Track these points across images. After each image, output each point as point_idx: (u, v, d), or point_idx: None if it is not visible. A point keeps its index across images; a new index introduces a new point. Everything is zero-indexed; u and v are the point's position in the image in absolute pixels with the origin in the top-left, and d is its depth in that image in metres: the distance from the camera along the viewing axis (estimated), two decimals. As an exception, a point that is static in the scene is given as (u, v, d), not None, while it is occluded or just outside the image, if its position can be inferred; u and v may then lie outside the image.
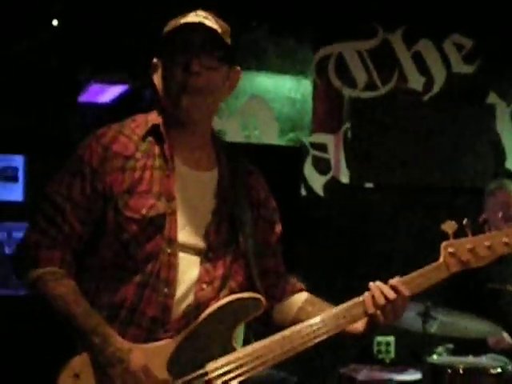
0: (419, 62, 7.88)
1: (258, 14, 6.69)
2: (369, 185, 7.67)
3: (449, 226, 3.09)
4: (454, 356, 6.10)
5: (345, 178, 7.63)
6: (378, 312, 3.04)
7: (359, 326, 3.11)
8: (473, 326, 5.88)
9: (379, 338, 7.48)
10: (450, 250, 3.10)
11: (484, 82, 8.07)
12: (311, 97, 7.57)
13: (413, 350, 6.75)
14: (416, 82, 7.89)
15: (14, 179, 6.85)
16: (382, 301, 3.02)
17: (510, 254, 6.08)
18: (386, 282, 3.06)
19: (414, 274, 3.09)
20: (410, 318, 5.78)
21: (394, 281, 3.06)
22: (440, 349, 6.25)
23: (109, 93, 7.00)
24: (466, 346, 6.13)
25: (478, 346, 6.05)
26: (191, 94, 3.00)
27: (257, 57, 6.95)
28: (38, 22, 6.42)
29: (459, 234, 3.11)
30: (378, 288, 3.04)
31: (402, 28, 7.79)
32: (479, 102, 8.08)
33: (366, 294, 3.05)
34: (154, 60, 3.09)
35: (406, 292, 3.05)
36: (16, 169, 6.87)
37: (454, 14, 7.66)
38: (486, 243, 3.12)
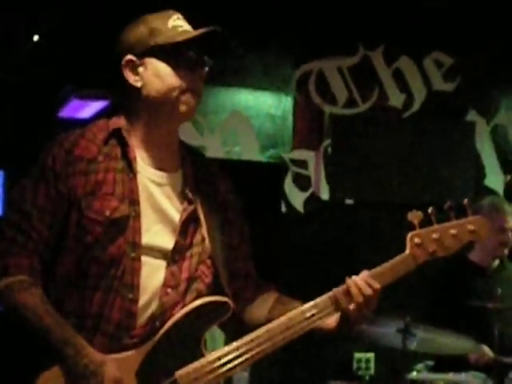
0: (399, 79, 7.92)
1: (239, 31, 6.66)
2: (349, 201, 7.68)
3: (414, 216, 3.04)
4: (434, 373, 6.10)
5: (325, 195, 7.65)
6: (351, 307, 3.01)
7: (331, 322, 3.08)
8: (453, 342, 5.86)
9: (359, 355, 7.49)
10: (416, 240, 3.05)
11: (464, 99, 8.13)
12: (292, 113, 7.59)
13: (392, 367, 6.73)
14: (396, 99, 7.92)
15: (-7, 193, 6.86)
16: (356, 293, 3.00)
17: (489, 268, 6.14)
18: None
19: (381, 267, 3.05)
20: (390, 334, 5.78)
21: (363, 275, 3.03)
22: (420, 366, 6.26)
23: (89, 108, 7.00)
24: (446, 362, 6.11)
25: (458, 362, 6.03)
26: (195, 94, 3.04)
27: (237, 73, 6.95)
28: (20, 37, 6.41)
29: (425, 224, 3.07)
30: (354, 282, 3.01)
31: (382, 45, 7.84)
32: (459, 119, 8.14)
33: (337, 289, 3.03)
34: (130, 57, 3.01)
35: (376, 285, 3.01)
36: (-5, 182, 6.88)
37: (434, 31, 7.72)
38: (452, 232, 3.07)
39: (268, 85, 7.43)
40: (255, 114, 7.41)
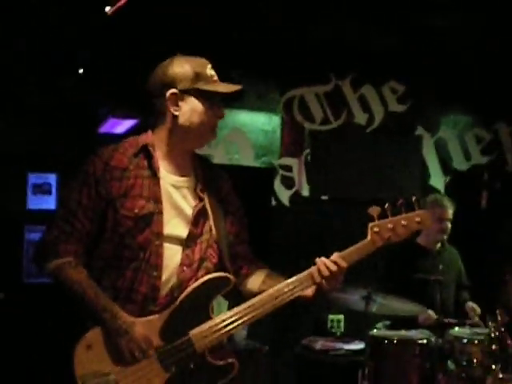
0: (363, 102, 7.88)
1: (240, 66, 6.69)
2: (324, 197, 7.65)
3: (374, 210, 3.08)
4: (390, 330, 6.08)
5: (306, 192, 7.63)
6: (323, 281, 3.05)
7: (309, 292, 3.11)
8: (405, 306, 5.86)
9: (332, 316, 7.47)
10: (375, 229, 3.08)
11: (413, 118, 8.08)
12: (280, 129, 7.57)
13: (358, 326, 6.72)
14: (361, 118, 7.88)
15: (49, 192, 6.84)
16: (326, 272, 3.04)
17: (432, 250, 6.13)
18: (327, 257, 3.08)
19: (348, 250, 3.09)
20: (356, 300, 5.79)
21: (334, 256, 3.07)
22: (379, 324, 6.25)
23: (123, 125, 6.99)
24: (399, 322, 6.11)
25: (409, 322, 6.03)
26: (216, 129, 3.15)
27: (237, 98, 6.94)
28: (67, 70, 6.42)
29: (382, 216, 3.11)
30: (323, 262, 3.06)
31: (350, 76, 7.81)
32: (409, 134, 8.08)
33: (313, 267, 3.07)
34: (175, 91, 3.04)
35: (344, 264, 3.05)
36: (50, 184, 6.86)
37: (391, 65, 7.69)
38: (403, 222, 3.10)
39: (261, 107, 7.41)
40: (251, 129, 7.40)
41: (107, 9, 5.43)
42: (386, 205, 3.11)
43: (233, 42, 6.79)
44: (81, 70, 6.42)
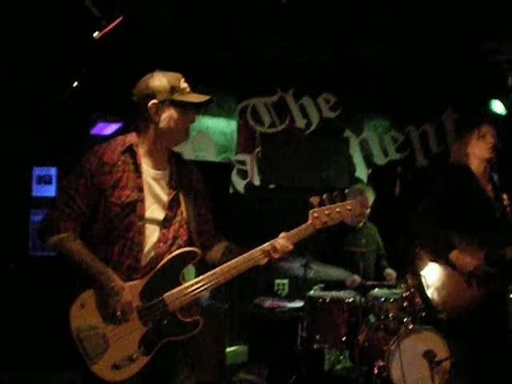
0: (303, 110, 7.89)
1: (204, 80, 6.67)
2: (272, 186, 7.66)
3: (314, 199, 3.13)
4: (324, 291, 6.12)
5: (257, 182, 7.63)
6: (275, 254, 3.09)
7: (262, 262, 3.12)
8: (335, 272, 5.91)
9: (278, 281, 7.49)
10: (315, 214, 3.12)
11: (342, 123, 8.10)
12: (236, 131, 7.56)
13: (298, 288, 6.76)
14: (301, 122, 7.89)
15: (50, 183, 6.78)
16: (278, 246, 3.08)
17: (356, 227, 6.16)
18: (275, 234, 3.14)
19: (293, 231, 3.12)
20: (296, 267, 5.81)
21: (283, 235, 3.11)
22: (315, 287, 6.28)
23: (110, 128, 6.94)
24: (331, 285, 6.15)
25: (339, 285, 6.07)
26: (189, 131, 3.15)
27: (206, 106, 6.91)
28: (65, 83, 6.36)
29: (321, 204, 3.14)
30: (275, 240, 3.11)
31: (292, 89, 7.82)
32: (339, 135, 8.11)
33: (267, 244, 3.10)
34: (155, 101, 3.04)
35: (290, 245, 3.10)
36: (51, 176, 6.80)
37: (325, 80, 7.73)
38: (337, 210, 3.14)
39: (221, 113, 7.40)
40: (213, 132, 7.38)
41: (95, 34, 5.41)
42: (324, 195, 3.15)
43: (199, 60, 6.78)
44: (75, 83, 6.38)
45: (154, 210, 3.09)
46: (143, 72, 3.19)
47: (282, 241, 3.09)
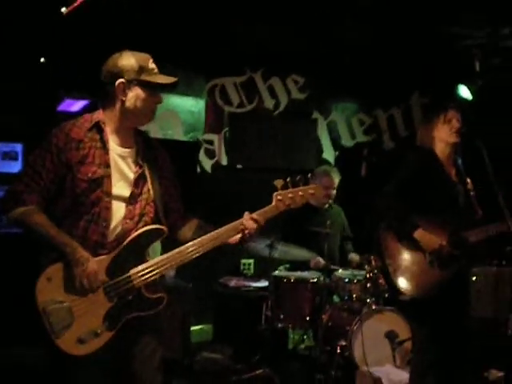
0: (271, 90, 7.92)
1: (173, 59, 6.65)
2: (239, 166, 7.69)
3: (278, 182, 3.19)
4: (289, 271, 6.17)
5: (224, 161, 7.65)
6: (246, 232, 3.15)
7: (234, 240, 3.19)
8: (300, 253, 5.95)
9: (244, 260, 7.54)
10: (279, 197, 3.18)
11: (310, 104, 8.15)
12: (204, 110, 7.56)
13: (264, 268, 6.79)
14: (269, 103, 7.92)
15: (15, 159, 6.74)
16: (249, 225, 3.14)
17: (322, 209, 6.20)
18: (241, 214, 3.20)
19: (257, 212, 3.17)
20: (262, 248, 5.84)
21: (254, 214, 3.16)
22: (280, 267, 6.32)
23: (77, 105, 6.90)
24: (296, 265, 6.20)
25: (303, 265, 6.12)
26: (156, 111, 3.16)
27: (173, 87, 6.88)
28: (32, 59, 6.32)
29: (284, 187, 3.20)
30: (246, 219, 3.16)
31: (261, 69, 7.83)
32: (307, 117, 8.16)
33: (238, 221, 3.16)
34: (122, 80, 3.05)
35: (261, 220, 3.16)
36: (17, 152, 6.75)
37: (294, 61, 7.72)
38: (300, 193, 3.20)
39: (190, 92, 7.37)
40: (181, 110, 7.37)
41: (63, 9, 5.38)
42: (288, 178, 3.21)
43: (168, 40, 6.75)
44: (42, 59, 6.34)
45: (120, 187, 3.11)
46: (111, 50, 3.19)
47: (254, 217, 3.15)
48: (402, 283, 4.11)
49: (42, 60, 6.32)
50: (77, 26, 5.78)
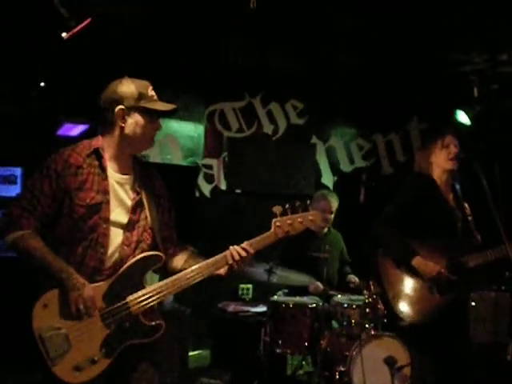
0: (270, 116, 7.92)
1: (173, 84, 6.69)
2: (238, 191, 7.66)
3: (277, 209, 3.18)
4: (287, 296, 6.14)
5: (223, 186, 7.63)
6: (234, 263, 3.12)
7: (222, 271, 3.17)
8: (299, 278, 5.92)
9: (242, 285, 7.48)
10: (278, 224, 3.17)
11: (309, 129, 8.13)
12: (203, 135, 7.56)
13: (263, 292, 6.76)
14: (268, 128, 7.91)
15: (14, 183, 6.75)
16: (237, 256, 3.12)
17: (320, 234, 6.18)
18: (240, 239, 3.18)
19: (256, 239, 3.17)
20: (260, 272, 5.81)
21: (244, 244, 3.15)
22: (279, 292, 6.28)
23: (76, 129, 6.92)
24: (294, 290, 6.17)
25: (301, 290, 6.09)
26: (153, 139, 3.15)
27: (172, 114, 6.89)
28: (32, 84, 6.35)
29: (283, 214, 3.19)
30: (235, 249, 3.13)
31: (260, 94, 7.84)
32: (306, 142, 8.14)
33: (227, 252, 3.13)
34: (122, 107, 3.06)
35: (251, 250, 3.14)
36: (16, 176, 6.77)
37: (293, 87, 7.76)
38: (299, 219, 3.19)
39: (189, 117, 7.38)
40: (181, 135, 7.37)
41: (63, 34, 5.41)
42: (287, 205, 3.20)
43: (168, 65, 6.79)
44: (42, 83, 6.36)
45: (118, 214, 3.10)
46: (111, 75, 3.21)
47: (244, 247, 3.13)
48: (401, 309, 4.10)
49: (42, 84, 6.34)
50: (77, 50, 5.82)
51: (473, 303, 5.89)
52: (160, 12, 5.86)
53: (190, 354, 6.44)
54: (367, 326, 5.45)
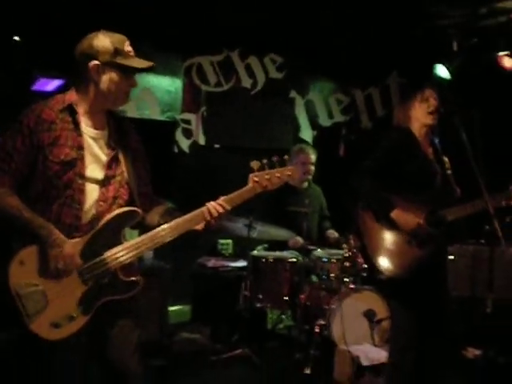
0: (249, 69, 7.86)
1: (150, 38, 6.58)
2: (216, 146, 7.66)
3: (254, 164, 3.14)
4: (267, 251, 6.18)
5: (202, 141, 7.61)
6: (211, 219, 3.08)
7: (199, 227, 3.13)
8: (278, 233, 5.96)
9: (221, 241, 7.48)
10: (255, 179, 3.12)
11: (288, 83, 8.11)
12: (181, 90, 7.50)
13: (242, 248, 6.80)
14: (246, 82, 7.87)
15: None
16: (214, 212, 3.08)
17: (301, 188, 6.20)
18: (218, 194, 3.15)
19: (233, 194, 3.12)
20: (240, 227, 5.86)
21: (221, 200, 3.11)
22: (259, 247, 6.35)
23: (52, 84, 6.81)
24: (274, 245, 6.21)
25: (281, 245, 6.13)
26: (130, 94, 3.10)
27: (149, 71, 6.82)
28: (5, 38, 6.23)
29: (261, 169, 3.15)
30: (212, 204, 3.09)
31: (238, 48, 7.77)
32: (285, 96, 8.12)
33: (204, 208, 3.09)
34: (97, 62, 2.98)
35: (228, 207, 3.11)
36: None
37: (272, 40, 7.67)
38: (277, 174, 3.15)
39: (166, 72, 7.32)
40: (158, 90, 7.30)
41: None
42: (265, 160, 3.15)
43: (145, 19, 6.68)
44: (16, 37, 6.24)
45: (93, 169, 3.06)
46: (87, 28, 3.13)
47: (221, 203, 3.10)
48: (381, 262, 4.09)
49: (16, 38, 6.22)
50: (52, 3, 5.70)
51: (451, 256, 5.91)
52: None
53: (171, 309, 6.46)
54: (347, 279, 5.50)
